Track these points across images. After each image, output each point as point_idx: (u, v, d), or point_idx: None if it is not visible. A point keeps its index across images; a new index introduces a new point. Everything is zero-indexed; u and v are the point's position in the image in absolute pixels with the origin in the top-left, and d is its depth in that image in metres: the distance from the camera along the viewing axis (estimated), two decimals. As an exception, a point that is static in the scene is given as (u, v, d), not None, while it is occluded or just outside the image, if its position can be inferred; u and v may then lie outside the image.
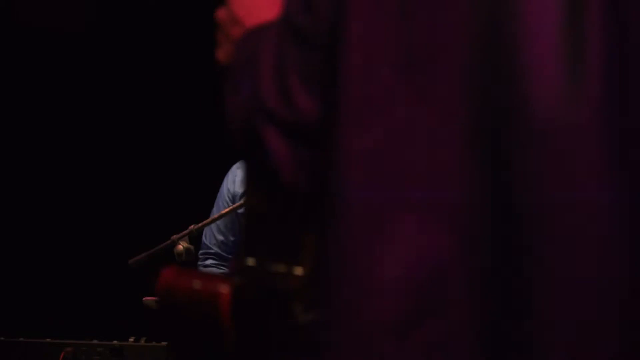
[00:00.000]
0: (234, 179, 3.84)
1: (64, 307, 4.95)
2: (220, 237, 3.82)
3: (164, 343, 3.30)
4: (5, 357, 3.40)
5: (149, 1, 5.31)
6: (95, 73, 5.21)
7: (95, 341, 3.33)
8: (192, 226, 2.85)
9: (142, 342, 3.31)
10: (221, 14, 1.54)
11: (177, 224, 2.93)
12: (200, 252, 3.85)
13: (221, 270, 3.82)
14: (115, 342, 3.32)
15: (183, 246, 2.80)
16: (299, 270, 1.41)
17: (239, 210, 3.70)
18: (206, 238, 3.85)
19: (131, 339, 3.32)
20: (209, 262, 3.84)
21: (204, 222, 2.88)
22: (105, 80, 5.22)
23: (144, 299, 2.66)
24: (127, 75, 5.24)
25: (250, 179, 1.59)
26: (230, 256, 3.80)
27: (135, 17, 5.26)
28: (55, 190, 5.15)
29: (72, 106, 5.18)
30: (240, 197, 3.75)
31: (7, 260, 4.99)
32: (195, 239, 2.84)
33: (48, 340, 3.38)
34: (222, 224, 3.79)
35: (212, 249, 3.83)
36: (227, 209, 2.89)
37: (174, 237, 2.83)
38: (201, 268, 3.81)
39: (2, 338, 3.44)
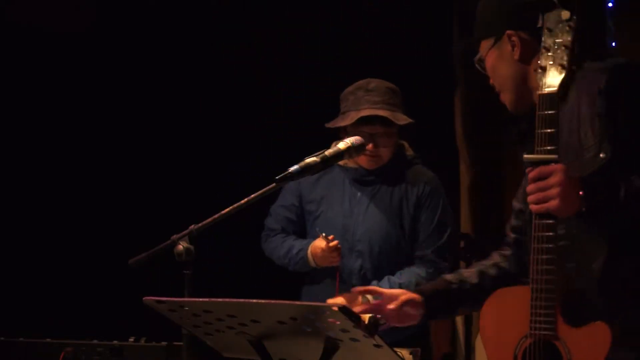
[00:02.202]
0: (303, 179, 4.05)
1: (64, 307, 4.95)
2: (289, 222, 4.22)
3: (164, 343, 3.31)
4: (5, 357, 3.40)
5: (149, 1, 5.32)
6: (96, 73, 5.21)
7: (95, 341, 3.33)
8: (192, 226, 2.84)
9: (142, 342, 3.31)
10: None
11: (177, 224, 2.92)
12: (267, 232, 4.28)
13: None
14: (115, 342, 3.32)
15: (183, 246, 2.79)
16: None
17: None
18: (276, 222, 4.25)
19: (131, 339, 3.32)
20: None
21: (204, 222, 2.87)
22: (105, 80, 5.23)
23: (144, 299, 2.65)
24: (127, 75, 5.24)
25: None
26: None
27: (135, 17, 5.26)
28: (55, 190, 5.15)
29: (72, 106, 5.19)
30: (308, 202, 4.13)
31: (7, 260, 4.99)
32: (195, 239, 2.83)
33: (48, 340, 3.38)
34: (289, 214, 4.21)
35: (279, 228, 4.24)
36: (227, 209, 2.88)
37: (174, 237, 2.82)
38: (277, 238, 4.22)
39: (2, 338, 3.44)
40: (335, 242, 3.94)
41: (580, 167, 2.49)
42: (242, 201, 2.88)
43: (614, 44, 5.58)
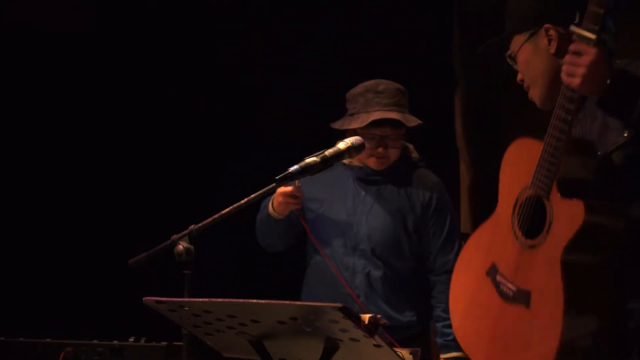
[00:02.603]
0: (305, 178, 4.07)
1: (64, 307, 4.95)
2: None
3: (164, 343, 3.31)
4: (5, 357, 3.40)
5: (149, 1, 5.32)
6: (95, 73, 5.21)
7: (95, 341, 3.33)
8: (192, 226, 2.85)
9: (142, 342, 3.32)
10: None
11: (177, 224, 2.93)
12: None
13: None
14: (115, 342, 3.33)
15: (183, 246, 2.79)
16: None
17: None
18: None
19: (131, 339, 3.33)
20: None
21: (204, 222, 2.87)
22: (105, 80, 5.23)
23: (144, 299, 2.66)
24: (127, 75, 5.24)
25: None
26: None
27: (135, 17, 5.26)
28: (55, 190, 5.15)
29: (72, 106, 5.19)
30: (310, 200, 4.09)
31: (7, 260, 4.99)
32: (195, 239, 2.83)
33: (48, 340, 3.38)
34: None
35: None
36: (227, 209, 2.89)
37: (174, 237, 2.83)
38: None
39: (2, 338, 3.44)
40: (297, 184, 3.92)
41: (602, 145, 2.63)
42: (242, 201, 2.88)
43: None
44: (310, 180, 4.10)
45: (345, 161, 3.97)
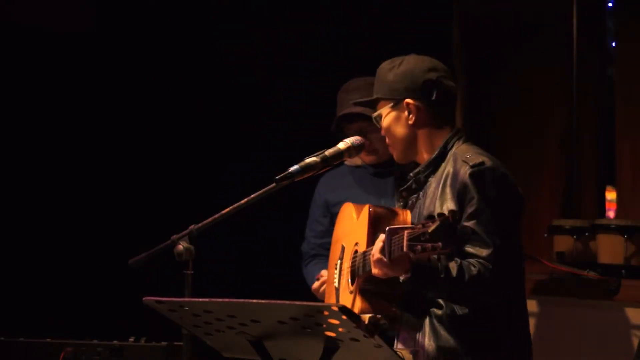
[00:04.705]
0: (326, 188, 4.21)
1: (64, 307, 4.95)
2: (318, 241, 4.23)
3: (164, 343, 3.31)
4: (5, 357, 3.40)
5: (149, 1, 5.32)
6: (96, 73, 5.21)
7: (95, 341, 3.33)
8: (192, 226, 2.85)
9: (142, 342, 3.32)
10: None
11: (177, 224, 2.93)
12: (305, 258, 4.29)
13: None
14: (115, 342, 3.33)
15: (183, 246, 2.79)
16: None
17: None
18: (307, 245, 4.27)
19: (131, 339, 3.33)
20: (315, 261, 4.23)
21: (204, 222, 2.87)
22: (105, 80, 5.23)
23: (144, 299, 2.66)
24: (127, 75, 5.24)
25: None
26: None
27: (135, 17, 5.27)
28: (55, 190, 5.15)
29: (72, 106, 5.19)
30: (334, 204, 4.14)
31: (7, 260, 4.99)
32: (195, 239, 2.84)
33: (48, 340, 3.38)
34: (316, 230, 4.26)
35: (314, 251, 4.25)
36: (227, 209, 2.89)
37: (174, 237, 2.83)
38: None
39: (2, 338, 3.45)
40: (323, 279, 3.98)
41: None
42: (242, 201, 2.89)
43: (614, 44, 5.59)
44: (331, 189, 4.16)
45: (359, 162, 4.02)
